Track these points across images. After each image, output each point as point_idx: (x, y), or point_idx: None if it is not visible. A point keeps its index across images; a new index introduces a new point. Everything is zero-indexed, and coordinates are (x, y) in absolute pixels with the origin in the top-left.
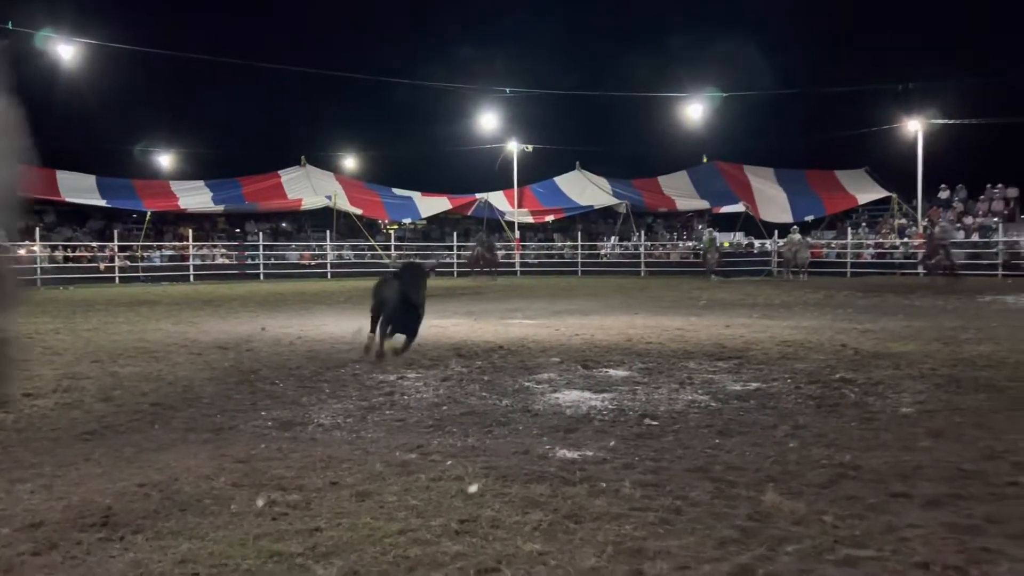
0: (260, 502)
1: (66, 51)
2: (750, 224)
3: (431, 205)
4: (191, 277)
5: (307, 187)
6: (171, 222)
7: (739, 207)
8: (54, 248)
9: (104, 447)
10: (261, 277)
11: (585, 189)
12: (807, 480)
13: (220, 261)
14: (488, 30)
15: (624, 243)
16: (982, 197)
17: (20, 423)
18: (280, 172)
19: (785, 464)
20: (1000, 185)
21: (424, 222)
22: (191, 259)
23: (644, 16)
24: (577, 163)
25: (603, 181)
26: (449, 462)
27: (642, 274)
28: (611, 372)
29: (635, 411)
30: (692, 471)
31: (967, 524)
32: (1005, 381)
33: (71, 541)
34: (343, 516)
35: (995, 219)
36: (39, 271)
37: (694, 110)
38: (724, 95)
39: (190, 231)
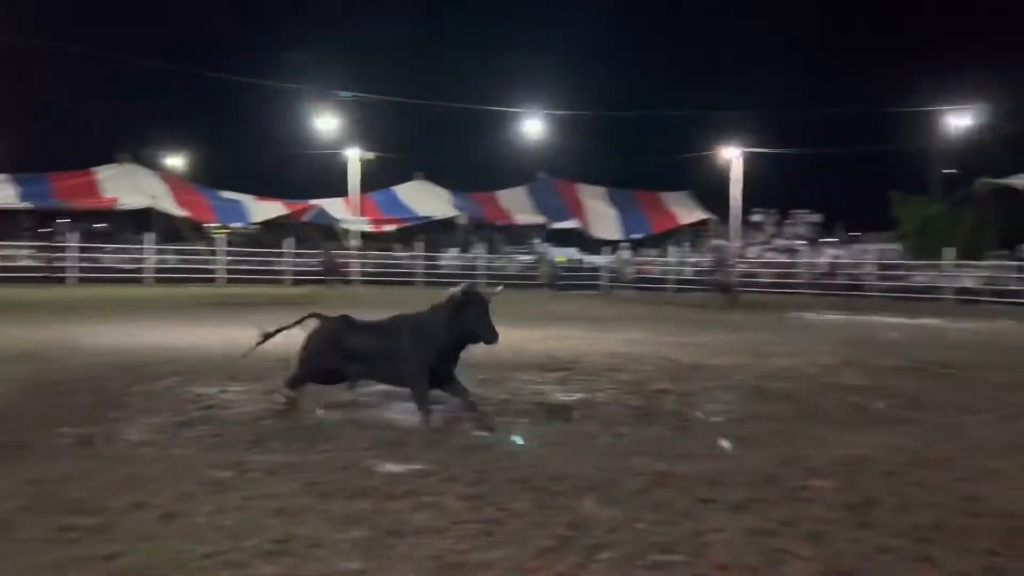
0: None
1: None
2: (583, 240)
3: (264, 209)
4: None
5: (126, 186)
6: None
7: (572, 223)
8: None
9: None
10: (72, 281)
11: (425, 199)
12: (625, 488)
13: (25, 263)
14: (329, 31)
15: (464, 255)
16: (789, 221)
17: None
18: (96, 169)
19: (604, 472)
20: (805, 210)
21: (257, 227)
22: None
23: (486, 29)
24: (418, 173)
25: (443, 192)
26: (267, 479)
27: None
28: None
29: (464, 423)
30: (516, 481)
31: (765, 527)
32: (803, 392)
33: None
34: (146, 540)
35: (801, 241)
36: None
37: (531, 126)
38: (559, 113)
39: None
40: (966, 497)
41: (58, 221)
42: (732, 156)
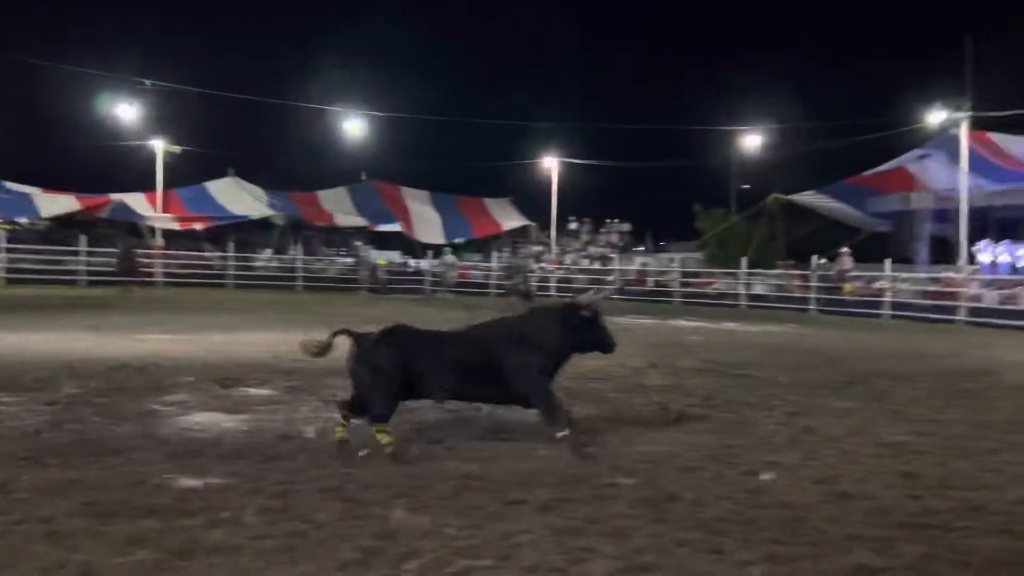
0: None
1: None
2: (406, 244)
3: (54, 204)
4: None
5: None
6: None
7: (395, 226)
8: None
9: None
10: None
11: (239, 198)
12: (435, 493)
13: None
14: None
15: (280, 256)
16: (603, 230)
17: None
18: None
19: (416, 479)
20: (617, 220)
21: (47, 222)
22: None
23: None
24: (231, 170)
25: (259, 191)
26: (39, 500)
27: (298, 289)
28: (252, 391)
29: (273, 432)
30: (324, 492)
31: (571, 526)
32: (611, 392)
33: None
34: None
35: (612, 249)
36: None
37: (354, 127)
38: (379, 115)
39: None
40: (753, 490)
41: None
42: (550, 165)
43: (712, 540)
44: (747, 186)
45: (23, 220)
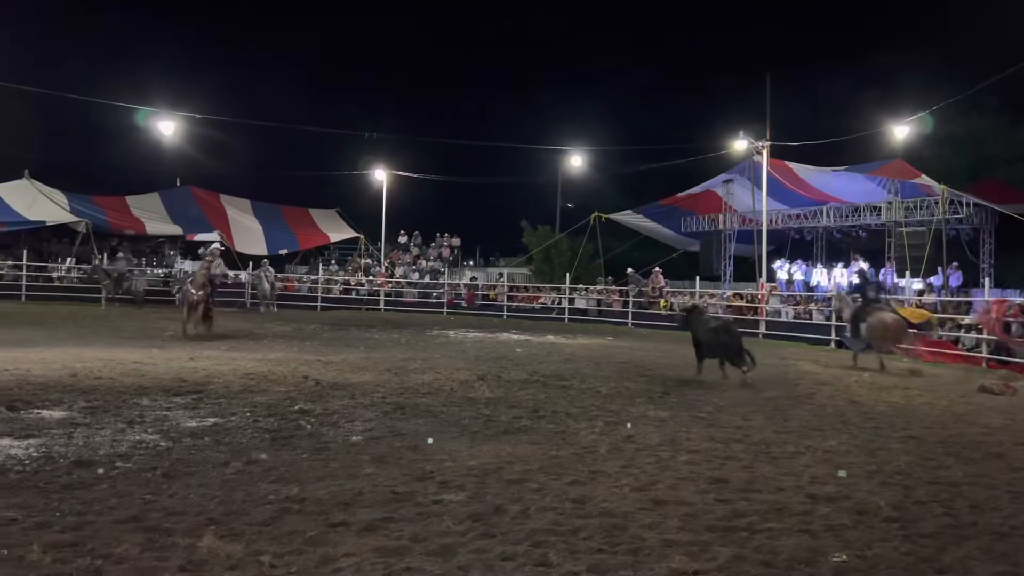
0: None
1: None
2: (226, 254)
3: None
4: None
5: None
6: None
7: (214, 236)
8: None
9: None
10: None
11: (35, 201)
12: (251, 519)
13: None
14: None
15: (83, 266)
16: (433, 244)
17: None
18: None
19: (230, 504)
20: (447, 234)
21: None
22: None
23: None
24: (26, 171)
25: (59, 195)
26: None
27: (103, 303)
28: (45, 413)
29: (67, 457)
30: (124, 522)
31: (396, 546)
32: (440, 406)
33: None
34: None
35: (442, 264)
36: None
37: (165, 127)
38: (198, 116)
39: None
40: (577, 499)
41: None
42: (381, 178)
43: (537, 552)
44: (571, 205)
45: None
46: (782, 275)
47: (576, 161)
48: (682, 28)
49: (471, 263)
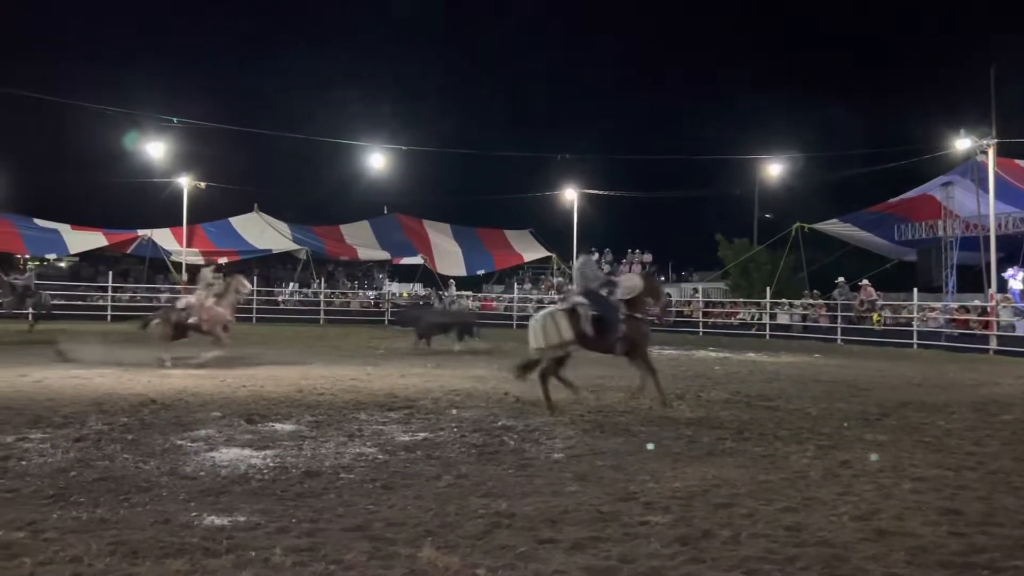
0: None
1: None
2: (428, 276)
3: (82, 240)
4: None
5: None
6: None
7: (418, 259)
8: None
9: None
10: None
11: (263, 232)
12: (464, 532)
13: None
14: (161, 52)
15: (304, 290)
16: (624, 260)
17: None
18: None
19: (444, 516)
20: (638, 250)
21: (75, 259)
22: None
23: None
24: (255, 205)
25: (283, 225)
26: (68, 539)
27: (321, 322)
28: (277, 426)
29: (299, 468)
30: (351, 530)
31: (605, 566)
32: (638, 425)
33: None
34: None
35: None
36: None
37: (376, 161)
38: (403, 148)
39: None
40: (791, 527)
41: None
42: (571, 196)
43: None
44: (769, 215)
45: (51, 256)
46: (1015, 284)
47: (775, 169)
48: (889, 22)
49: (663, 279)
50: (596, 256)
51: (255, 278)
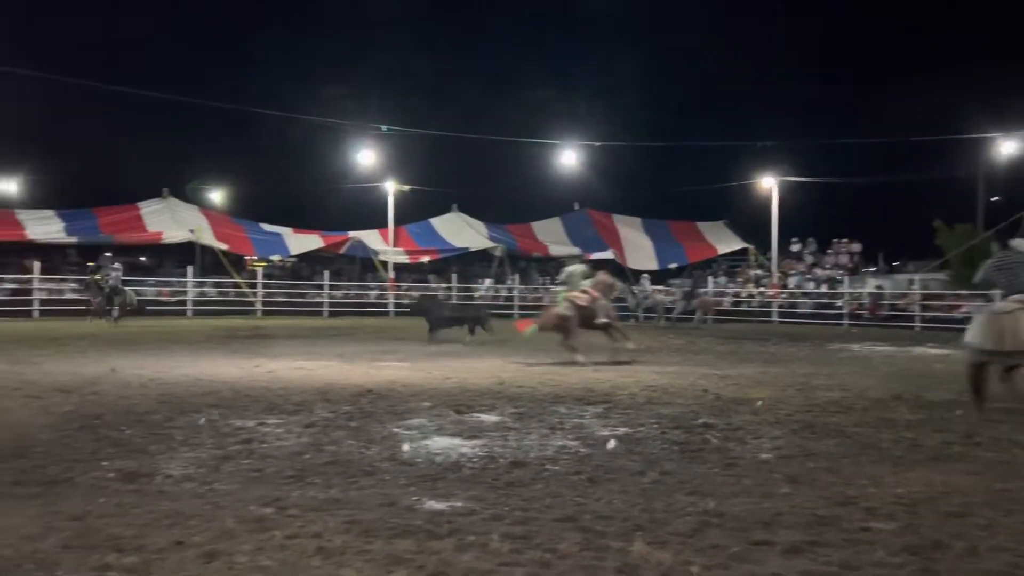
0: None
1: None
2: (619, 271)
3: (302, 242)
4: (35, 313)
5: (169, 220)
6: (16, 253)
7: (608, 254)
8: None
9: None
10: (115, 313)
11: (461, 231)
12: (673, 528)
13: (69, 296)
14: (369, 67)
15: (499, 286)
16: (830, 251)
17: None
18: (140, 204)
19: (652, 512)
20: (845, 239)
21: (294, 259)
22: (35, 293)
23: (521, 62)
24: (454, 205)
25: (479, 224)
26: (309, 516)
27: (515, 317)
28: (483, 417)
29: (506, 458)
30: (561, 521)
31: (825, 571)
32: (853, 426)
33: None
34: None
35: (841, 272)
36: None
37: (567, 158)
38: (597, 144)
39: (37, 263)
40: None
41: (104, 255)
42: (770, 185)
43: None
44: (997, 198)
45: (275, 257)
46: None
47: (1006, 148)
48: None
49: (874, 269)
50: (800, 246)
51: (454, 275)
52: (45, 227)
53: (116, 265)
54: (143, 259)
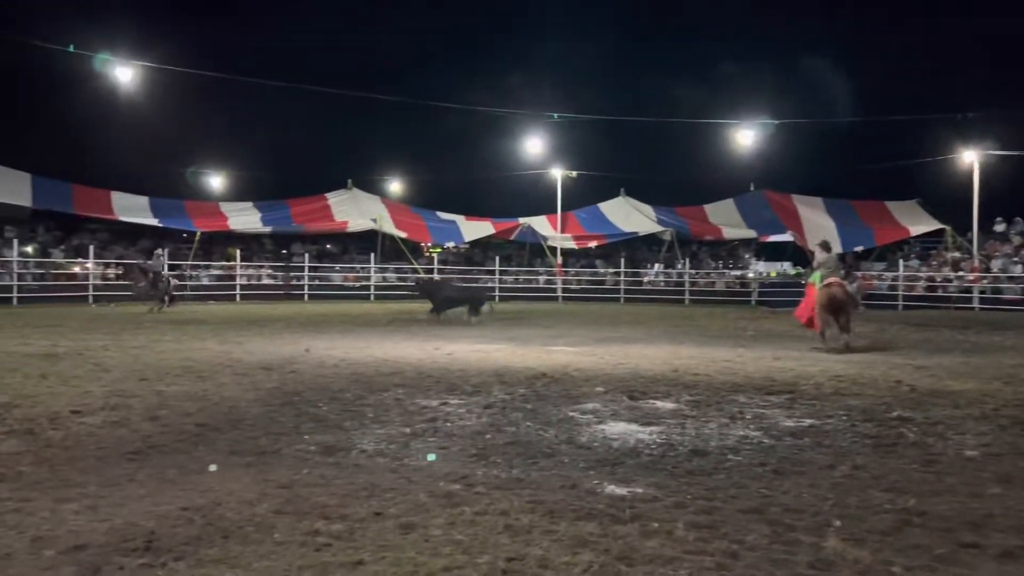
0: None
1: (123, 74)
2: (798, 254)
3: (474, 229)
4: (237, 297)
5: (353, 210)
6: (219, 242)
7: (787, 236)
8: (106, 265)
9: (148, 467)
10: (306, 298)
11: (629, 216)
12: (869, 526)
13: (266, 282)
14: (536, 55)
15: (668, 271)
16: None
17: (68, 440)
18: (327, 195)
19: (845, 508)
20: None
21: (467, 246)
22: (238, 279)
23: (694, 41)
24: (622, 190)
25: (647, 208)
26: (494, 494)
27: (686, 303)
28: (658, 404)
29: (684, 446)
30: (747, 512)
31: None
32: None
33: (113, 566)
34: (387, 549)
35: None
36: (91, 288)
37: (743, 137)
38: (775, 123)
39: (238, 251)
40: None
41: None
42: (971, 160)
43: None
44: None
45: (450, 244)
46: None
47: None
48: None
49: None
50: (1005, 226)
51: (622, 260)
52: (245, 218)
53: (159, 251)
54: (329, 246)
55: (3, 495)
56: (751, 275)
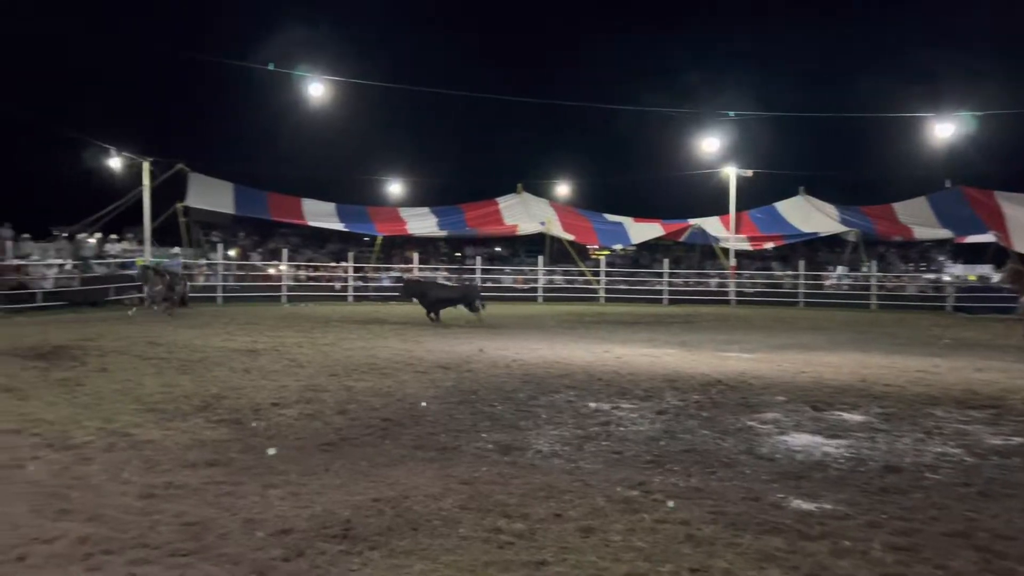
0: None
1: (316, 89)
2: (1001, 256)
3: (642, 231)
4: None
5: (523, 213)
6: (399, 245)
7: (989, 237)
8: (298, 268)
9: (342, 459)
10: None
11: (809, 215)
12: None
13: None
14: (709, 53)
15: (853, 273)
16: None
17: (271, 431)
18: (498, 199)
19: None
20: None
21: (634, 248)
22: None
23: (879, 33)
24: (801, 188)
25: (829, 207)
26: (672, 503)
27: (872, 307)
28: (845, 416)
29: (876, 461)
30: (951, 536)
31: None
32: None
33: (316, 551)
34: (568, 551)
35: None
36: (285, 288)
37: (940, 131)
38: (977, 115)
39: (415, 254)
40: None
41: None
42: None
43: None
44: None
45: (617, 247)
46: None
47: None
48: None
49: None
50: None
51: (800, 262)
52: (422, 222)
53: (176, 250)
54: (498, 249)
55: (219, 478)
56: (946, 278)
